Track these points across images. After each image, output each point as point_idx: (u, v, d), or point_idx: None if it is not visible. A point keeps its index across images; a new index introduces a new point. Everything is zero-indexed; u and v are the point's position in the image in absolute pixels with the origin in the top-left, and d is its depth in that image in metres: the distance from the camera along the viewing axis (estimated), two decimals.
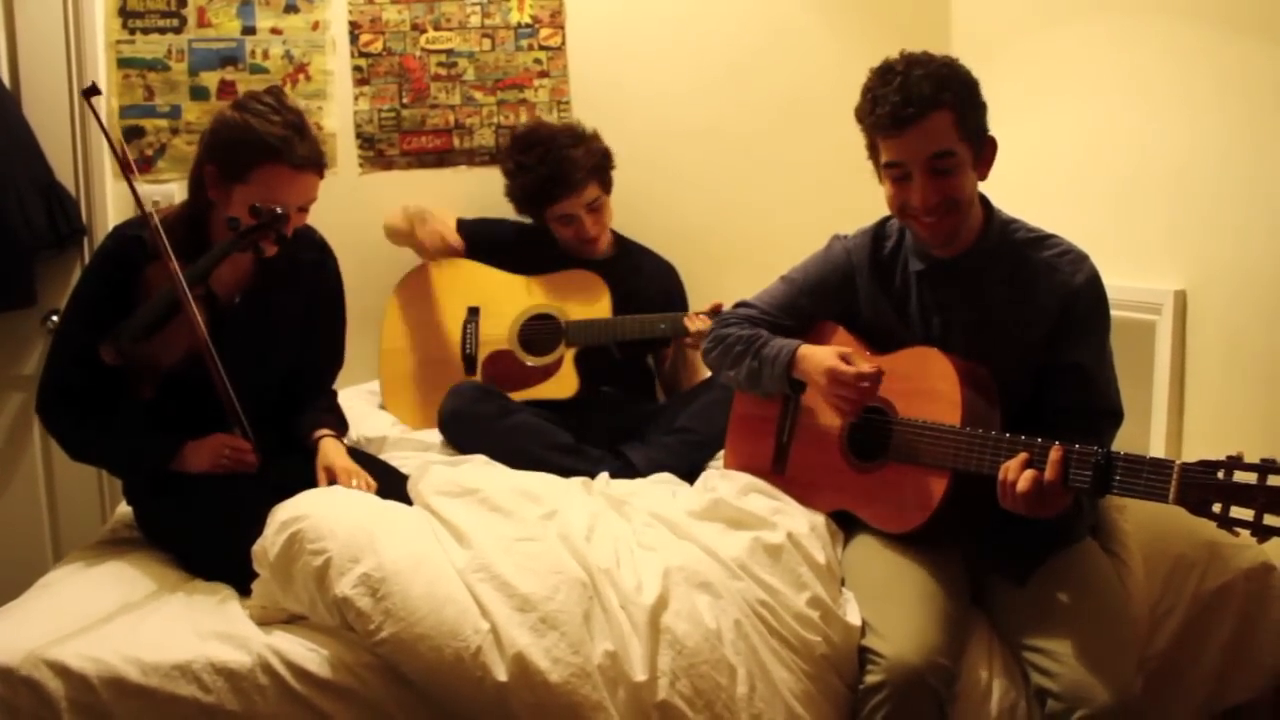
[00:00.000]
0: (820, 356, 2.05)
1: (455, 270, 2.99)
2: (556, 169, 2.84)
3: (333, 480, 2.23)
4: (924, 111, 1.89)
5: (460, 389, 2.69)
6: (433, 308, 2.99)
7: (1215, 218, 2.30)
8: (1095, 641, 1.78)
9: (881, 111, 1.92)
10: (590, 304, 2.89)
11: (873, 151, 2.02)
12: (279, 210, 2.10)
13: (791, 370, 2.11)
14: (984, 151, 1.98)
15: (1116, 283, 2.07)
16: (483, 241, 3.03)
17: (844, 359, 2.01)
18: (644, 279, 3.00)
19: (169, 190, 3.09)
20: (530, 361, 2.89)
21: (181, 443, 2.21)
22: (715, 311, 2.65)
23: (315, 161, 2.22)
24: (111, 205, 3.04)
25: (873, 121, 1.95)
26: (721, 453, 2.43)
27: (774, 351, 2.13)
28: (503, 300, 2.94)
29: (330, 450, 2.31)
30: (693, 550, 1.99)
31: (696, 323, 2.73)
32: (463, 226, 3.05)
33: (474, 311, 2.96)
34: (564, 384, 2.84)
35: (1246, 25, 2.20)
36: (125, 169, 2.18)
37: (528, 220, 3.03)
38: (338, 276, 2.48)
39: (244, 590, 1.98)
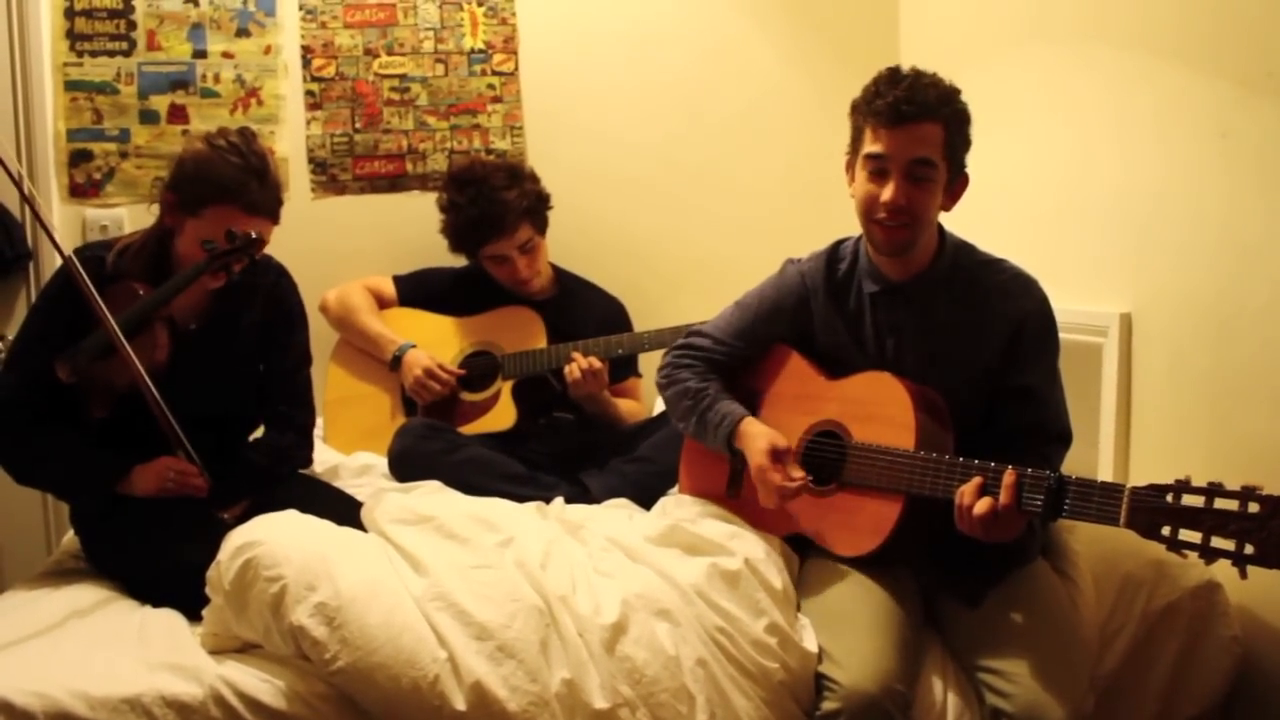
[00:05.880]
0: (756, 447, 2.05)
1: (391, 321, 2.98)
2: (489, 209, 2.83)
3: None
4: (921, 115, 1.93)
5: (408, 428, 2.67)
6: (370, 362, 2.96)
7: (1158, 241, 2.35)
8: (1048, 661, 1.80)
9: (882, 103, 1.95)
10: (526, 338, 2.89)
11: (856, 143, 2.04)
12: (254, 234, 2.12)
13: (733, 441, 2.12)
14: (957, 181, 2.02)
15: (1062, 305, 2.10)
16: (420, 294, 3.04)
17: (775, 454, 2.03)
18: (585, 316, 2.97)
19: (118, 215, 3.06)
20: (469, 398, 2.88)
21: (130, 464, 2.18)
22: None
23: (270, 208, 2.22)
24: (59, 230, 2.99)
25: (869, 109, 1.98)
26: None
27: (717, 419, 2.14)
28: (439, 342, 2.93)
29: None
30: (650, 576, 1.98)
31: (574, 366, 2.73)
32: (399, 283, 3.06)
33: None
34: (502, 416, 2.83)
35: (1187, 54, 2.26)
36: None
37: (463, 263, 3.04)
38: (297, 295, 2.47)
39: (193, 616, 1.95)
